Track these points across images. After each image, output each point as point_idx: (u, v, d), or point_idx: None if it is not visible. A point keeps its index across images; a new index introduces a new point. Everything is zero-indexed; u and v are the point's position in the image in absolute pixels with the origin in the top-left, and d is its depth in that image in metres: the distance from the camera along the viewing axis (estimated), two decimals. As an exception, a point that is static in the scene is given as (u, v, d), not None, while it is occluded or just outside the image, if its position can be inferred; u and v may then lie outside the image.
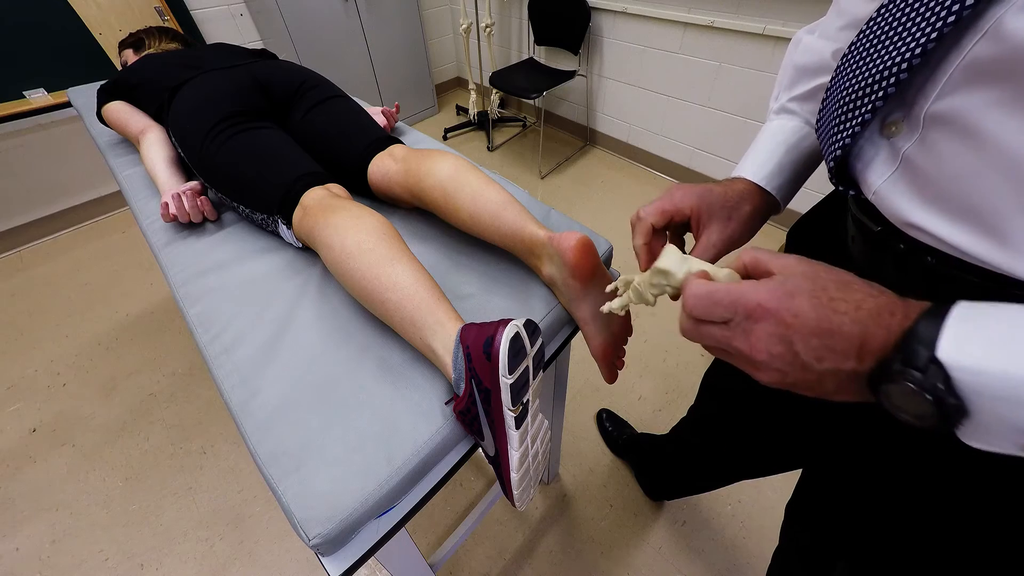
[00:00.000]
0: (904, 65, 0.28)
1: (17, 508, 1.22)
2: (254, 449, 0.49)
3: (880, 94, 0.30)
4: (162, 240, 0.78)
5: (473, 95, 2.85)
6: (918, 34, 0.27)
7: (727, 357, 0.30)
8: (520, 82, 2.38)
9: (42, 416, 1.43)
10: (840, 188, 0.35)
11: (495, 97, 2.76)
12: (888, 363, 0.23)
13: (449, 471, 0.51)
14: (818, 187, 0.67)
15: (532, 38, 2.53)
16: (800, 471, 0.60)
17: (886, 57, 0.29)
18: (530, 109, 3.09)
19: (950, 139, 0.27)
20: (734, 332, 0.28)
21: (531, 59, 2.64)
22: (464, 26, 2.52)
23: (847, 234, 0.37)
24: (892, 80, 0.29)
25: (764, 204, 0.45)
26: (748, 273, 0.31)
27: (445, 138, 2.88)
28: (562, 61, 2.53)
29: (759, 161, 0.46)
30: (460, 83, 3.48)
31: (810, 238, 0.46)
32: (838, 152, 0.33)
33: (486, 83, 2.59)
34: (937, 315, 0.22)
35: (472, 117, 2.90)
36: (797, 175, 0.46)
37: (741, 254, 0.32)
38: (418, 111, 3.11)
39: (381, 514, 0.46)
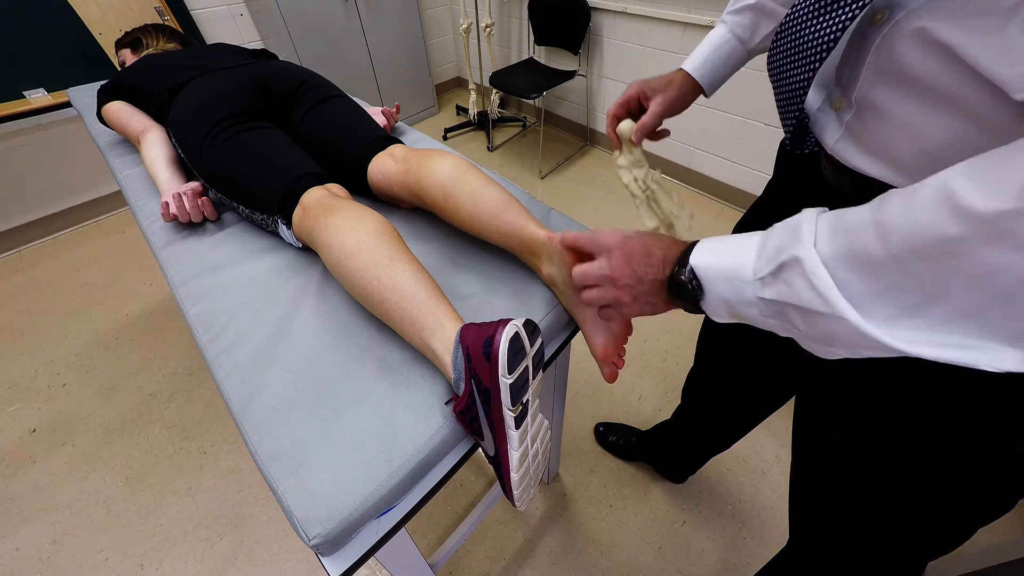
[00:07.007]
0: (803, 87, 0.40)
1: (17, 508, 1.22)
2: (254, 449, 0.49)
3: (796, 106, 0.41)
4: (162, 240, 0.78)
5: (473, 95, 2.85)
6: (808, 60, 0.38)
7: (600, 295, 0.47)
8: (520, 82, 2.38)
9: (42, 416, 1.43)
10: (797, 152, 0.47)
11: (495, 97, 2.75)
12: (675, 266, 0.41)
13: (449, 471, 0.52)
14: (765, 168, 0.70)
15: (532, 38, 2.53)
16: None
17: (792, 78, 0.41)
18: (530, 109, 3.09)
19: (874, 116, 0.38)
20: (602, 263, 0.46)
21: (531, 59, 2.64)
22: (464, 26, 2.52)
23: (820, 163, 0.48)
24: (798, 100, 0.41)
25: (694, 88, 0.65)
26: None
27: (445, 138, 2.88)
28: (562, 61, 2.53)
29: (698, 61, 0.65)
30: (460, 83, 3.48)
31: (793, 160, 0.57)
32: (791, 129, 0.45)
33: (486, 83, 2.59)
34: (692, 244, 0.40)
35: (472, 117, 2.90)
36: (721, 71, 0.65)
37: (589, 236, 0.50)
38: (418, 111, 3.11)
39: (381, 514, 0.46)
